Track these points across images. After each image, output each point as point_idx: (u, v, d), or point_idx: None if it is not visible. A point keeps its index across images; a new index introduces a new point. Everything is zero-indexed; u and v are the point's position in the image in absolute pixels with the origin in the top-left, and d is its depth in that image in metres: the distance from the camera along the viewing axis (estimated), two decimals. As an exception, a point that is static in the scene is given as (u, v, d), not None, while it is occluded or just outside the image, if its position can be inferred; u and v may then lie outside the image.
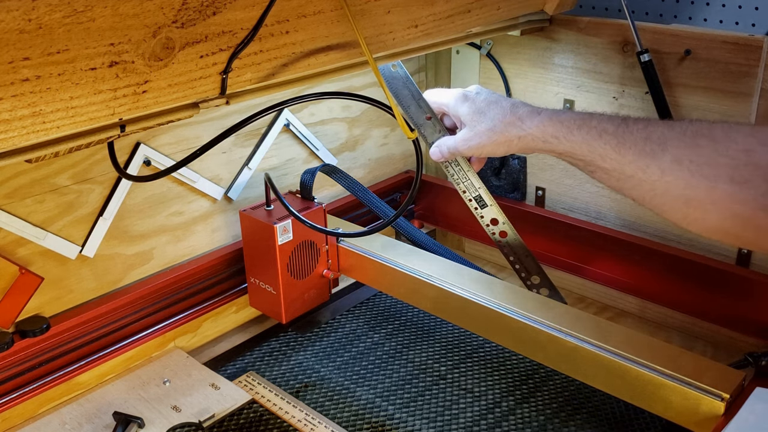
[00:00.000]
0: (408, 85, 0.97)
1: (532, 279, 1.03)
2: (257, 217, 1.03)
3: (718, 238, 0.71)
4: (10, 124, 0.57)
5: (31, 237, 0.88)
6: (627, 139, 0.74)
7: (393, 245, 1.09)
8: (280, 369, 1.05)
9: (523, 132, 0.83)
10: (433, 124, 0.96)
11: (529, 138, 0.83)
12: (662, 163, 0.70)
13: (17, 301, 0.88)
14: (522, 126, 0.84)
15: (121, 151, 0.94)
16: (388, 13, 0.83)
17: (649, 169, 0.71)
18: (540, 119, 0.82)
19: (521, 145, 0.85)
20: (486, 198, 0.98)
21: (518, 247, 1.02)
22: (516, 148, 0.86)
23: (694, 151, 0.68)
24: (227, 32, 0.68)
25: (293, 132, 1.15)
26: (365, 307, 1.20)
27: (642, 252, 1.11)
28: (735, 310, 1.03)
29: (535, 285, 1.03)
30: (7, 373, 0.88)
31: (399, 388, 1.01)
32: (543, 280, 1.03)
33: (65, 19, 0.54)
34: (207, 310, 1.07)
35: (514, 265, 1.03)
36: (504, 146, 0.86)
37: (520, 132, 0.84)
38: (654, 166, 0.71)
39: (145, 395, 0.96)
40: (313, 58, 0.79)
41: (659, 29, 1.04)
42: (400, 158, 1.37)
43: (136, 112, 0.66)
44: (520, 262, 1.03)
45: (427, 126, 0.96)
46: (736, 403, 0.76)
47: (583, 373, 0.88)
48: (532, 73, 1.20)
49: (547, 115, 0.82)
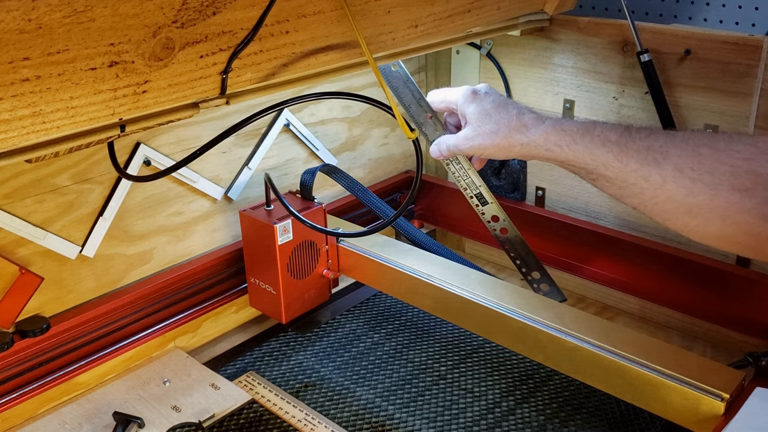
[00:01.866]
0: (408, 84, 0.97)
1: (533, 275, 1.04)
2: (257, 217, 1.03)
3: (719, 246, 0.71)
4: (10, 124, 0.57)
5: (31, 237, 0.88)
6: (629, 147, 0.74)
7: (393, 245, 1.09)
8: (280, 369, 1.05)
9: (527, 139, 0.84)
10: (434, 123, 0.96)
11: (532, 146, 0.83)
12: (664, 172, 0.71)
13: (17, 301, 0.88)
14: (526, 133, 0.84)
15: (121, 151, 0.94)
16: (388, 13, 0.83)
17: (651, 177, 0.72)
18: (544, 128, 0.83)
19: (523, 151, 0.85)
20: (487, 196, 0.99)
21: (518, 244, 1.02)
22: (517, 154, 0.86)
23: (695, 159, 0.69)
24: (227, 32, 0.68)
25: (293, 132, 1.15)
26: (365, 307, 1.20)
27: (642, 252, 1.11)
28: (735, 310, 1.03)
29: (535, 280, 1.04)
30: (7, 373, 0.88)
31: (399, 388, 1.01)
32: (543, 276, 1.04)
33: (65, 19, 0.54)
34: (207, 310, 1.07)
35: (515, 261, 1.04)
36: (505, 151, 0.87)
37: (523, 139, 0.84)
38: (656, 174, 0.71)
39: (145, 395, 0.96)
40: (313, 58, 0.79)
41: (659, 29, 1.04)
42: (400, 158, 1.37)
43: (136, 112, 0.66)
44: (521, 258, 1.03)
45: (428, 125, 0.96)
46: (736, 403, 0.76)
47: (583, 373, 0.88)
48: (532, 73, 1.20)
49: (551, 124, 0.83)
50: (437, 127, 0.96)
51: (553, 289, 1.03)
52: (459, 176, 0.97)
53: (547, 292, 1.04)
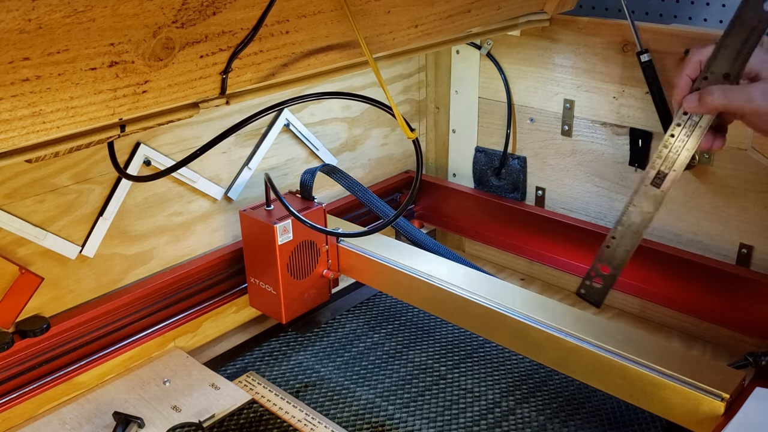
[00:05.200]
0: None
1: (602, 268, 0.88)
2: (257, 217, 1.03)
3: None
4: (10, 124, 0.57)
5: (31, 237, 0.88)
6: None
7: (393, 245, 1.09)
8: (280, 369, 1.05)
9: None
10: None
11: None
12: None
13: (17, 301, 0.88)
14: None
15: (121, 151, 0.94)
16: (388, 13, 0.83)
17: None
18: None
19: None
20: (666, 183, 0.80)
21: (631, 237, 0.85)
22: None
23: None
24: (227, 32, 0.68)
25: (293, 132, 1.15)
26: (365, 307, 1.20)
27: (642, 252, 1.10)
28: (735, 310, 1.03)
29: (598, 275, 0.88)
30: (7, 373, 0.88)
31: (399, 388, 1.01)
32: (608, 278, 0.88)
33: (65, 19, 0.54)
34: (207, 310, 1.07)
35: (606, 245, 0.87)
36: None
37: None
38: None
39: (145, 395, 0.96)
40: (313, 58, 0.79)
41: (659, 29, 1.04)
42: (400, 158, 1.37)
43: (136, 112, 0.66)
44: (613, 250, 0.87)
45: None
46: (736, 403, 0.76)
47: (583, 373, 0.88)
48: (532, 73, 1.20)
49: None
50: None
51: (598, 293, 0.89)
52: (675, 143, 0.78)
53: (589, 293, 0.89)
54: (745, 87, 0.74)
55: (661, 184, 0.80)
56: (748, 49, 0.73)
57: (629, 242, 0.85)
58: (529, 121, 1.23)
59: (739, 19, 0.73)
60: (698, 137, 0.77)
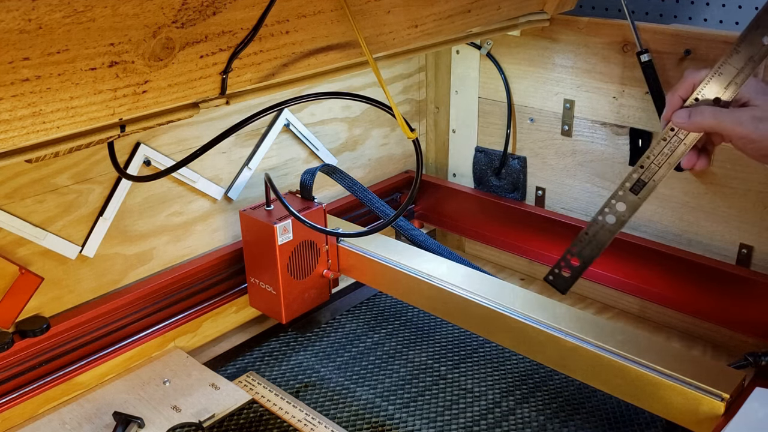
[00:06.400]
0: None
1: (572, 260, 0.89)
2: (257, 217, 1.03)
3: None
4: (10, 124, 0.57)
5: (31, 237, 0.88)
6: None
7: (393, 245, 1.09)
8: (280, 369, 1.05)
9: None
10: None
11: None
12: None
13: (17, 301, 0.88)
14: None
15: (121, 151, 0.94)
16: (388, 13, 0.83)
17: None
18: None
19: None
20: (645, 191, 0.82)
21: (604, 237, 0.86)
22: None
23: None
24: (227, 32, 0.68)
25: (293, 132, 1.15)
26: (365, 307, 1.20)
27: (642, 252, 1.11)
28: (735, 310, 1.03)
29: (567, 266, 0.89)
30: (7, 373, 0.88)
31: (399, 388, 1.01)
32: (576, 270, 0.88)
33: (65, 19, 0.54)
34: (207, 310, 1.07)
35: (579, 240, 0.87)
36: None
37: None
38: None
39: (145, 395, 0.96)
40: (313, 58, 0.79)
41: (659, 29, 1.04)
42: (400, 158, 1.37)
43: (136, 112, 0.66)
44: (585, 245, 0.87)
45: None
46: (736, 403, 0.76)
47: (583, 373, 0.88)
48: (532, 73, 1.20)
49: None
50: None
51: (565, 281, 0.89)
52: (654, 154, 0.79)
53: (557, 281, 0.90)
54: (736, 111, 0.75)
55: (639, 191, 0.81)
56: (742, 78, 0.74)
57: (601, 240, 0.86)
58: (529, 121, 1.23)
59: (738, 49, 0.74)
60: (680, 155, 0.78)
